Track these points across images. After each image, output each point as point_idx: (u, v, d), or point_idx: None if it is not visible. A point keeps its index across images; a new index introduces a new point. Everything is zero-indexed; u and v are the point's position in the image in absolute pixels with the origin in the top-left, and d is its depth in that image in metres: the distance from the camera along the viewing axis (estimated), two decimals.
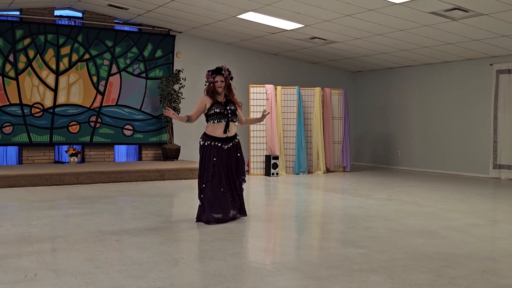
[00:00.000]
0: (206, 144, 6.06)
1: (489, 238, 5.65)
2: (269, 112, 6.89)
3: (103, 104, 11.89)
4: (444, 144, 12.63)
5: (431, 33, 10.03)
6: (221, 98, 6.14)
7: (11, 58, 11.00)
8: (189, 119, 6.07)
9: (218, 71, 6.16)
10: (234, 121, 6.17)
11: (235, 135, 6.22)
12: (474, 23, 9.14)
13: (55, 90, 11.42)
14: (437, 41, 10.63)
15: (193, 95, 11.26)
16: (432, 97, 12.94)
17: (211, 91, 6.12)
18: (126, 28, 12.33)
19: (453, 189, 9.60)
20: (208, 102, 6.11)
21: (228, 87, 6.19)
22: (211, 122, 6.08)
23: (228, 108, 6.10)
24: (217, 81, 6.10)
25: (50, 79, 11.39)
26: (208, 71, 6.19)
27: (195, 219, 6.14)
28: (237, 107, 6.23)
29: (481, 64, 11.77)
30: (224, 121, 6.05)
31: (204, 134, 6.14)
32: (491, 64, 11.56)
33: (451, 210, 7.23)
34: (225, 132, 6.05)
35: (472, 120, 12.03)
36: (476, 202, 8.03)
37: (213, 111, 6.06)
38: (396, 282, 3.89)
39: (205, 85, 6.22)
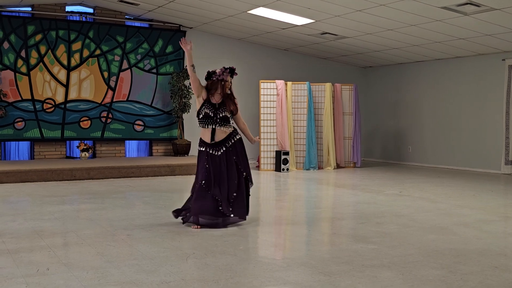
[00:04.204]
0: (200, 149, 5.82)
1: (501, 234, 5.62)
2: (258, 141, 6.28)
3: (114, 100, 11.94)
4: (456, 139, 12.56)
5: (443, 28, 9.97)
6: (216, 99, 5.79)
7: (23, 54, 11.07)
8: (193, 68, 5.77)
9: (232, 72, 5.89)
10: (223, 127, 5.76)
11: (228, 137, 5.80)
12: (486, 18, 9.06)
13: (66, 86, 11.48)
14: (449, 36, 10.56)
15: None
16: (444, 93, 12.86)
17: (214, 88, 5.79)
18: (137, 23, 12.36)
19: (465, 185, 9.55)
20: (204, 94, 5.78)
21: (231, 91, 5.93)
22: (200, 125, 5.82)
23: (218, 113, 5.75)
24: (227, 81, 5.84)
25: (62, 75, 11.44)
26: (225, 68, 5.81)
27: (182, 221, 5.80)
28: (233, 111, 5.85)
29: (493, 59, 11.68)
30: (211, 127, 5.72)
31: (200, 138, 5.87)
32: (504, 59, 11.46)
33: (463, 206, 7.19)
34: (212, 139, 5.73)
35: (484, 115, 11.95)
36: (488, 198, 7.98)
37: (202, 113, 5.74)
38: (407, 278, 3.88)
39: (213, 79, 5.81)
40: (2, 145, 11.11)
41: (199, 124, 5.82)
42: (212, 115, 5.74)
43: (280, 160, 11.65)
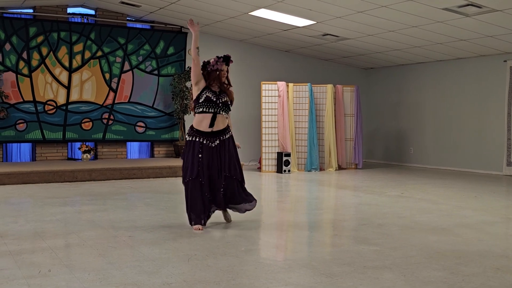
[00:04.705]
0: (191, 139, 5.56)
1: (503, 236, 5.61)
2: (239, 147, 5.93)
3: (116, 101, 11.95)
4: (457, 141, 12.55)
5: (444, 30, 9.96)
6: (215, 88, 5.64)
7: (24, 55, 11.08)
8: (198, 51, 5.60)
9: (227, 60, 5.70)
10: (225, 114, 5.64)
11: (225, 129, 5.67)
12: (488, 19, 9.06)
13: (68, 87, 11.50)
14: (450, 38, 10.55)
15: None
16: (445, 94, 12.86)
17: (212, 78, 5.62)
18: (138, 25, 12.37)
19: (466, 186, 9.54)
20: (203, 82, 5.61)
21: (228, 79, 5.78)
22: (199, 109, 5.55)
23: (220, 97, 5.61)
24: (222, 70, 5.63)
25: (63, 76, 11.46)
26: (218, 57, 5.67)
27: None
28: (232, 100, 5.73)
29: (494, 60, 11.68)
30: (212, 112, 5.54)
31: (191, 127, 5.63)
32: (505, 61, 11.46)
33: (465, 208, 7.18)
34: (211, 125, 5.54)
35: (486, 117, 11.94)
36: (489, 200, 7.97)
37: (204, 96, 5.55)
38: (409, 280, 3.87)
39: (208, 69, 5.65)
40: (3, 146, 11.12)
41: (199, 109, 5.56)
42: (214, 99, 5.58)
43: (282, 162, 11.64)
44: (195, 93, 5.64)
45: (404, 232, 5.56)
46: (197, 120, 5.60)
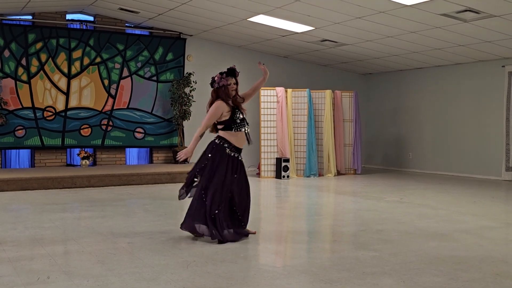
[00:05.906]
0: (230, 154, 5.39)
1: (503, 241, 5.61)
2: (263, 64, 5.92)
3: (115, 107, 11.95)
4: (456, 146, 12.55)
5: (443, 35, 9.99)
6: (230, 104, 5.49)
7: (23, 62, 11.09)
8: (201, 136, 5.41)
9: (231, 73, 5.54)
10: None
11: None
12: (486, 25, 9.08)
13: (67, 94, 11.50)
14: (449, 43, 10.58)
15: (204, 98, 11.24)
16: (444, 99, 12.88)
17: (224, 95, 5.43)
18: (137, 31, 12.39)
19: (466, 191, 9.54)
20: (225, 109, 5.40)
21: (237, 93, 5.62)
22: (235, 130, 5.42)
23: (242, 113, 5.55)
24: (229, 84, 5.46)
25: (62, 83, 11.46)
26: (221, 73, 5.50)
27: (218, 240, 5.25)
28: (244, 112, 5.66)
29: (493, 65, 11.70)
30: (243, 130, 5.48)
31: (226, 141, 5.41)
32: (503, 66, 11.48)
33: (464, 213, 7.18)
34: (248, 142, 5.52)
35: (484, 122, 11.95)
36: (489, 205, 7.97)
37: (240, 117, 5.47)
38: (409, 285, 3.87)
39: (217, 87, 5.48)
40: (2, 153, 11.11)
41: (235, 129, 5.42)
42: (242, 117, 5.53)
43: (281, 167, 11.64)
44: (221, 118, 5.41)
45: (403, 237, 5.56)
46: (235, 137, 5.43)
